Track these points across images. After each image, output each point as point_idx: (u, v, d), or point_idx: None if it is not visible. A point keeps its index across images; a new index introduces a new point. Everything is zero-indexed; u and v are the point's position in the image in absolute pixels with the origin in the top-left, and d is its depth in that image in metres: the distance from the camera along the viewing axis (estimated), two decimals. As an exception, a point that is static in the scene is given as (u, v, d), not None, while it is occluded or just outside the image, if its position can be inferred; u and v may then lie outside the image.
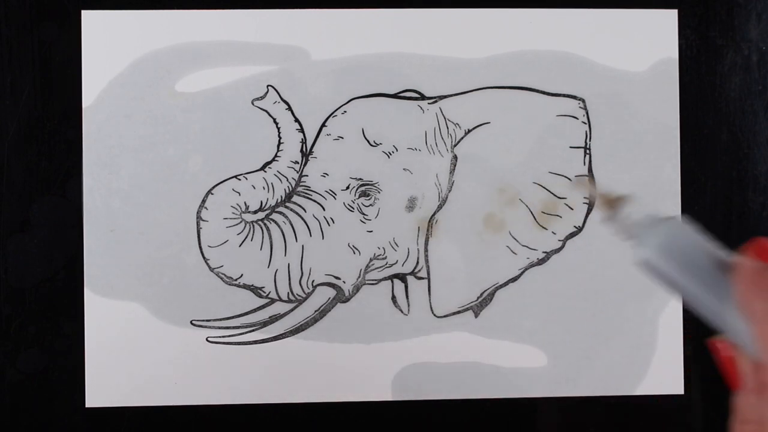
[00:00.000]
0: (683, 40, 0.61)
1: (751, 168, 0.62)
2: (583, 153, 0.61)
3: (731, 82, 0.62)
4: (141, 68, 0.60)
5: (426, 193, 0.61)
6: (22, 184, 0.60)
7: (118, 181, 0.60)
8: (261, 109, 0.60)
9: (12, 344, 0.59)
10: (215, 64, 0.60)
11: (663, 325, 0.61)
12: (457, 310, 0.61)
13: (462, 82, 0.61)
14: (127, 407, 0.60)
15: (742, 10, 0.62)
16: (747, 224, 0.62)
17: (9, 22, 0.60)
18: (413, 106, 0.61)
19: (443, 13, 0.61)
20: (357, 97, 0.61)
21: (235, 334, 0.60)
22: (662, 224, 0.29)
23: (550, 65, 0.61)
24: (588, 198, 0.30)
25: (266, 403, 0.60)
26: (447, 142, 0.61)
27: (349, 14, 0.61)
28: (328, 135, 0.60)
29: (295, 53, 0.60)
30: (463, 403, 0.61)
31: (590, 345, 0.61)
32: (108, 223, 0.60)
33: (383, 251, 0.60)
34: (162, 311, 0.60)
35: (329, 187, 0.60)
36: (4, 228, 0.60)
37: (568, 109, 0.61)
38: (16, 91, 0.60)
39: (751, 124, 0.62)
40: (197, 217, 0.60)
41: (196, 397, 0.60)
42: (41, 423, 0.59)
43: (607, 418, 0.61)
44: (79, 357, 0.59)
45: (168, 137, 0.60)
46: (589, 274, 0.61)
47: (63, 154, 0.60)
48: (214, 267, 0.60)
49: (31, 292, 0.60)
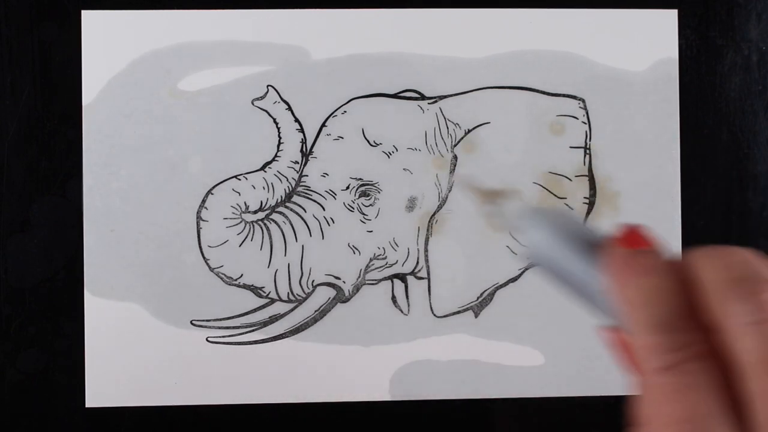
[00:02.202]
0: (683, 40, 0.61)
1: (751, 168, 0.62)
2: (583, 153, 0.61)
3: (731, 82, 0.62)
4: (141, 68, 0.60)
5: (426, 193, 0.61)
6: (22, 184, 0.60)
7: (118, 181, 0.60)
8: (261, 109, 0.60)
9: (12, 344, 0.59)
10: (215, 64, 0.60)
11: (663, 325, 0.61)
12: (457, 310, 0.61)
13: (462, 82, 0.61)
14: (127, 407, 0.60)
15: (742, 10, 0.62)
16: (747, 224, 0.62)
17: (9, 22, 0.60)
18: (413, 106, 0.61)
19: (443, 13, 0.61)
20: (357, 97, 0.61)
21: (235, 334, 0.60)
22: (544, 214, 0.29)
23: (550, 65, 0.61)
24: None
25: (266, 403, 0.60)
26: (447, 142, 0.61)
27: (350, 14, 0.61)
28: (328, 135, 0.60)
29: (295, 53, 0.60)
30: (463, 403, 0.61)
31: (590, 345, 0.61)
32: (108, 223, 0.60)
33: (383, 251, 0.60)
34: (162, 311, 0.60)
35: (329, 187, 0.60)
36: (4, 228, 0.60)
37: (568, 109, 0.61)
38: (16, 91, 0.60)
39: (751, 124, 0.62)
40: (197, 217, 0.60)
41: (196, 397, 0.60)
42: (41, 423, 0.59)
43: (607, 418, 0.61)
44: (79, 357, 0.59)
45: (168, 137, 0.60)
46: (589, 274, 0.61)
47: (63, 154, 0.60)
48: (214, 267, 0.60)
49: (31, 292, 0.60)
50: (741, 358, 0.23)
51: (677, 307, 0.24)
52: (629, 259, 0.25)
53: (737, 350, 0.23)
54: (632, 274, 0.25)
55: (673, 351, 0.23)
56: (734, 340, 0.23)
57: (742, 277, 0.24)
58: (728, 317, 0.23)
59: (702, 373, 0.23)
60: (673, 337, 0.24)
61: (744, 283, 0.24)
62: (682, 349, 0.23)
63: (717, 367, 0.23)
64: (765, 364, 0.23)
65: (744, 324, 0.23)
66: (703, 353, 0.23)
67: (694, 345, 0.23)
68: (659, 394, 0.24)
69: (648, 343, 0.24)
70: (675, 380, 0.23)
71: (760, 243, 0.61)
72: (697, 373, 0.23)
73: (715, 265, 0.24)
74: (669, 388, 0.23)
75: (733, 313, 0.23)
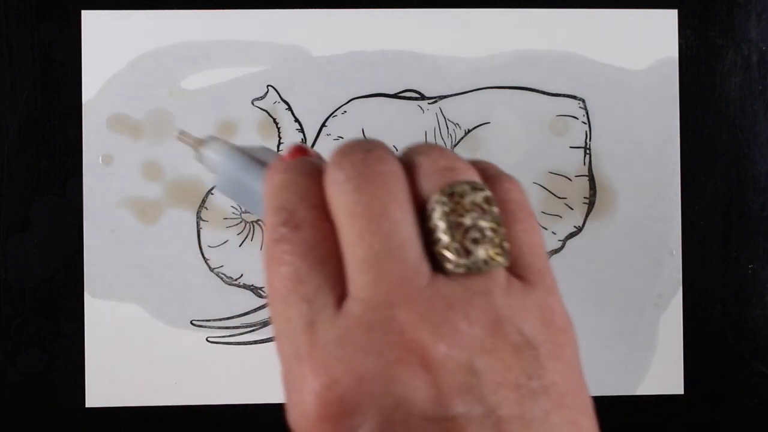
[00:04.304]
0: (683, 40, 0.61)
1: (751, 168, 0.62)
2: (583, 153, 0.61)
3: (731, 82, 0.62)
4: (141, 68, 0.60)
5: (426, 193, 0.61)
6: (22, 184, 0.60)
7: (118, 181, 0.60)
8: (261, 109, 0.60)
9: (12, 344, 0.59)
10: (215, 64, 0.60)
11: (663, 325, 0.61)
12: (457, 310, 0.61)
13: (462, 82, 0.61)
14: (127, 407, 0.60)
15: (742, 10, 0.62)
16: (747, 224, 0.62)
17: (9, 22, 0.60)
18: (413, 106, 0.61)
19: (443, 13, 0.61)
20: (357, 97, 0.61)
21: (235, 334, 0.60)
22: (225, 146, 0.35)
23: (550, 65, 0.61)
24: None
25: (266, 403, 0.60)
26: (447, 142, 0.61)
27: (350, 14, 0.61)
28: (328, 135, 0.60)
29: (295, 53, 0.60)
30: (463, 403, 0.60)
31: (590, 345, 0.61)
32: (108, 223, 0.60)
33: (383, 251, 0.60)
34: (162, 311, 0.60)
35: (329, 187, 0.60)
36: (4, 228, 0.60)
37: (568, 109, 0.61)
38: (16, 91, 0.60)
39: (751, 124, 0.62)
40: (197, 217, 0.60)
41: (196, 397, 0.60)
42: (41, 423, 0.59)
43: (607, 418, 0.61)
44: (79, 357, 0.59)
45: (168, 137, 0.60)
46: (589, 274, 0.61)
47: (63, 154, 0.60)
48: (214, 267, 0.60)
49: (31, 292, 0.60)
50: (336, 217, 0.27)
51: (296, 193, 0.28)
52: (276, 165, 0.30)
53: (333, 211, 0.27)
54: (271, 175, 0.29)
55: (281, 225, 0.27)
56: (331, 203, 0.27)
57: (341, 151, 0.28)
58: (329, 187, 0.27)
59: (303, 239, 0.27)
60: (283, 216, 0.27)
61: (340, 154, 0.28)
62: (288, 224, 0.27)
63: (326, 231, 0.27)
64: (349, 214, 0.26)
65: (336, 184, 0.27)
66: (305, 224, 0.27)
67: (299, 219, 0.27)
68: (271, 262, 0.27)
69: (267, 223, 0.28)
70: (278, 248, 0.27)
71: (760, 243, 0.61)
72: (297, 239, 0.27)
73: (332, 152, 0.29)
74: (275, 254, 0.27)
75: (330, 180, 0.27)
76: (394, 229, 0.25)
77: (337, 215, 0.27)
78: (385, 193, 0.26)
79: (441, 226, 0.26)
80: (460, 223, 0.26)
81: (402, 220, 0.26)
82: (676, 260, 0.61)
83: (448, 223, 0.26)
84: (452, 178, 0.27)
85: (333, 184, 0.27)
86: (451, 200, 0.26)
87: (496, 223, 0.27)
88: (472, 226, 0.26)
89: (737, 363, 0.61)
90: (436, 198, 0.26)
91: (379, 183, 0.26)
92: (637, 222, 0.61)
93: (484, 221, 0.26)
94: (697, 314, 0.61)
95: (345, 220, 0.26)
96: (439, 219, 0.26)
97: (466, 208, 0.26)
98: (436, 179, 0.27)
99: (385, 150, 0.28)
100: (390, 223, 0.25)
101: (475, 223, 0.26)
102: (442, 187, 0.27)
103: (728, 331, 0.61)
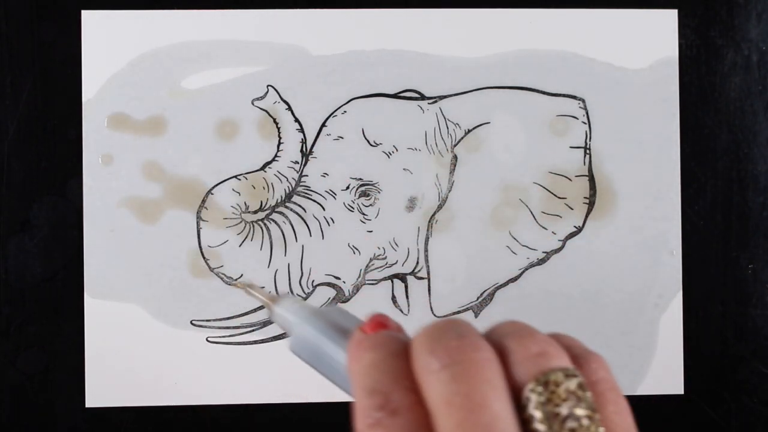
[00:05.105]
0: (683, 40, 0.61)
1: (751, 168, 0.62)
2: (583, 153, 0.61)
3: (731, 82, 0.62)
4: (141, 68, 0.60)
5: (426, 193, 0.61)
6: (22, 184, 0.60)
7: (118, 181, 0.60)
8: (261, 109, 0.60)
9: (12, 344, 0.59)
10: (215, 64, 0.60)
11: (663, 325, 0.61)
12: (457, 310, 0.61)
13: (462, 82, 0.61)
14: (127, 407, 0.60)
15: (742, 10, 0.62)
16: (747, 224, 0.62)
17: (9, 22, 0.60)
18: (413, 106, 0.61)
19: (443, 13, 0.61)
20: (357, 97, 0.61)
21: (235, 334, 0.60)
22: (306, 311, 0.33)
23: (550, 65, 0.61)
24: None
25: (266, 403, 0.60)
26: (447, 142, 0.61)
27: (350, 14, 0.61)
28: (328, 135, 0.60)
29: (295, 53, 0.60)
30: (463, 403, 0.60)
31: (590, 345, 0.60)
32: (108, 223, 0.60)
33: (383, 251, 0.60)
34: (162, 311, 0.60)
35: (329, 187, 0.60)
36: (4, 228, 0.60)
37: (568, 109, 0.61)
38: (16, 91, 0.60)
39: (751, 124, 0.62)
40: (197, 217, 0.60)
41: (196, 397, 0.60)
42: (41, 423, 0.59)
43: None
44: (79, 357, 0.59)
45: (168, 137, 0.60)
46: (589, 274, 0.61)
47: (63, 154, 0.60)
48: (214, 267, 0.60)
49: (31, 292, 0.60)
50: (431, 404, 0.26)
51: (388, 375, 0.27)
52: (362, 340, 0.29)
53: (428, 398, 0.26)
54: (357, 351, 0.29)
55: (377, 410, 0.26)
56: (426, 390, 0.26)
57: (431, 335, 0.27)
58: (421, 372, 0.27)
59: (400, 425, 0.26)
60: (378, 400, 0.27)
61: (432, 339, 0.27)
62: (384, 409, 0.26)
63: (423, 418, 0.26)
64: (446, 404, 0.25)
65: (430, 372, 0.26)
66: (403, 409, 0.26)
67: (396, 403, 0.26)
68: None
69: (359, 406, 0.27)
70: None
71: (760, 243, 0.61)
72: (395, 426, 0.26)
73: (419, 333, 0.28)
74: None
75: (423, 366, 0.27)
76: (494, 421, 0.25)
77: (432, 403, 0.26)
78: (482, 382, 0.26)
79: (537, 416, 0.26)
80: (557, 413, 0.26)
81: (501, 410, 0.26)
82: (676, 260, 0.61)
83: (545, 414, 0.26)
84: (546, 365, 0.27)
85: (427, 372, 0.26)
86: (546, 389, 0.26)
87: (591, 410, 0.27)
88: (569, 415, 0.26)
89: (737, 363, 0.61)
90: (531, 387, 0.27)
91: (476, 372, 0.26)
92: (637, 222, 0.61)
93: (580, 409, 0.26)
94: (697, 314, 0.61)
95: (443, 410, 0.26)
96: (535, 409, 0.26)
97: (561, 397, 0.26)
98: (529, 367, 0.27)
99: (478, 335, 0.28)
100: (490, 415, 0.25)
101: (571, 412, 0.26)
102: (537, 375, 0.27)
103: (728, 331, 0.61)
